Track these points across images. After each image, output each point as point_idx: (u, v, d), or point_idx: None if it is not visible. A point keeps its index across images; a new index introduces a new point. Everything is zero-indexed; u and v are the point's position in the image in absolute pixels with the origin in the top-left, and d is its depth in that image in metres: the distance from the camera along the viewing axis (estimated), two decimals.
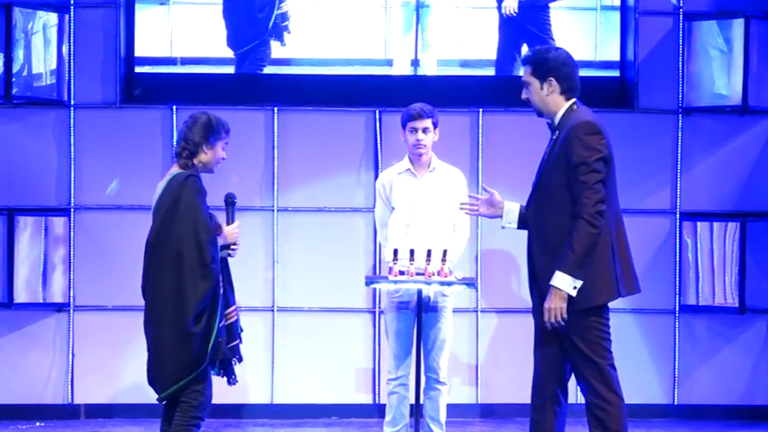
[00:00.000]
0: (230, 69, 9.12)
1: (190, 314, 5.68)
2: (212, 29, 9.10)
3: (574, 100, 5.64)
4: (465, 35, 9.18)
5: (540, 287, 5.56)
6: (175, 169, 5.93)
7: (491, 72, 9.20)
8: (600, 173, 5.42)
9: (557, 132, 5.57)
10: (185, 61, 9.12)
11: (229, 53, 9.10)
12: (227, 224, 6.05)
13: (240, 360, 6.07)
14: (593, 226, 5.36)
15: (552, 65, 5.60)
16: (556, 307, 5.40)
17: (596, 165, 5.41)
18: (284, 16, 9.06)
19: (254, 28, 9.07)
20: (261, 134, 8.96)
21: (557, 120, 5.61)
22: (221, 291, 5.84)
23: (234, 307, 5.99)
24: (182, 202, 5.75)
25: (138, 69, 9.08)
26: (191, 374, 5.77)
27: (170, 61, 9.14)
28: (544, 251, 5.53)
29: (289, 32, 9.05)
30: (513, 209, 5.86)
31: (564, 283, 5.38)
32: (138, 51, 9.10)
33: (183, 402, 5.84)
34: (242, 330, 6.09)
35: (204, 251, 5.70)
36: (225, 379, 6.02)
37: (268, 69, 9.13)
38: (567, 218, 5.44)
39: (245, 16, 9.06)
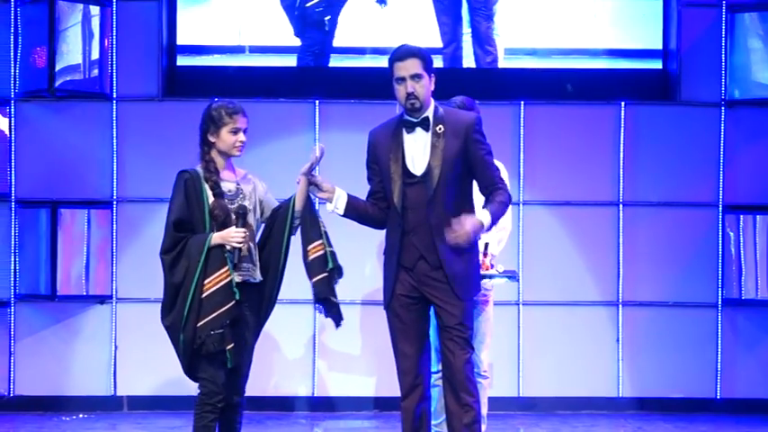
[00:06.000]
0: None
1: (165, 307, 5.76)
2: (278, 18, 9.18)
3: None
4: (534, 24, 9.21)
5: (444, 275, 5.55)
6: None
7: (537, 64, 9.20)
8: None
9: (440, 127, 5.53)
10: (254, 50, 9.18)
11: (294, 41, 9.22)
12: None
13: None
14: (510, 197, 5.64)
15: (431, 60, 5.63)
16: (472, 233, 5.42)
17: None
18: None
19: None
20: (302, 127, 8.97)
21: (431, 114, 5.58)
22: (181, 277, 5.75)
23: (315, 242, 5.99)
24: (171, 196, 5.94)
25: (188, 61, 9.16)
26: (182, 362, 5.79)
27: (238, 50, 9.20)
28: (445, 241, 5.48)
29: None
30: (342, 195, 5.80)
31: (487, 221, 5.47)
32: (208, 41, 9.18)
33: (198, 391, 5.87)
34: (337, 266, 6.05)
35: (165, 240, 5.76)
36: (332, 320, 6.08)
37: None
38: (461, 207, 5.49)
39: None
